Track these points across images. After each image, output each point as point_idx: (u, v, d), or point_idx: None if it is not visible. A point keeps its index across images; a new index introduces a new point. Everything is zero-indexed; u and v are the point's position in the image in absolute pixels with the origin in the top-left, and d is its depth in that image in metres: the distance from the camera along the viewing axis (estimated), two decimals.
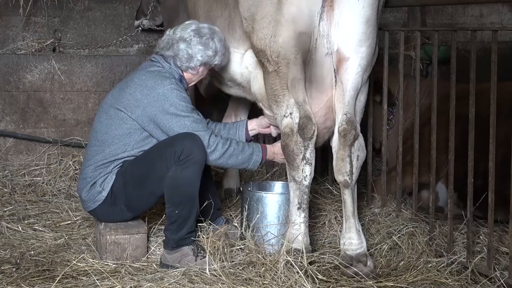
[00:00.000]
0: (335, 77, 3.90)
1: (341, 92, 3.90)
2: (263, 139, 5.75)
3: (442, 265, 3.95)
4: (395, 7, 6.52)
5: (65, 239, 4.47)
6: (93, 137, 4.22)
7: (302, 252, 3.78)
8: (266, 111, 4.28)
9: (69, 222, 4.83)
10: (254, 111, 5.68)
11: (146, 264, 4.05)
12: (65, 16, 6.30)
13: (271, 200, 4.25)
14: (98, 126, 4.20)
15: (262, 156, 4.20)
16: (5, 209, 5.05)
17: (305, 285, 3.55)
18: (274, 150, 4.26)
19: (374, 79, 4.79)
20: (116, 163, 4.13)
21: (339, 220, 4.59)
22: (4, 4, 5.98)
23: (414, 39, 4.78)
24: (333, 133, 4.03)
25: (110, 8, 6.49)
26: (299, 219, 3.96)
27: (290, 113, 3.94)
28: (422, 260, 3.99)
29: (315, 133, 3.88)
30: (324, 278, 3.74)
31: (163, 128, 4.06)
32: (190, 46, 4.21)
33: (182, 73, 4.26)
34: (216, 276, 3.69)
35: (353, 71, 3.87)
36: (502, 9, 7.69)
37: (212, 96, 5.62)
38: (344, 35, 3.83)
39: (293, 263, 3.67)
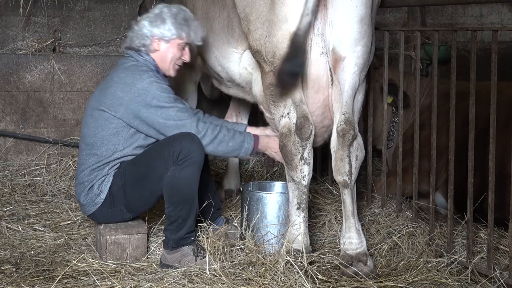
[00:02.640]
0: (331, 76, 3.90)
1: (339, 91, 3.88)
2: None
3: (442, 265, 3.95)
4: (395, 7, 6.52)
5: (65, 239, 4.47)
6: (82, 142, 4.20)
7: (302, 253, 3.78)
8: (267, 114, 4.27)
9: (69, 222, 4.83)
10: (255, 112, 5.69)
11: (146, 264, 4.05)
12: (65, 16, 6.30)
13: (271, 200, 4.25)
14: (86, 130, 4.19)
15: (253, 145, 4.16)
16: (5, 209, 5.04)
17: (305, 285, 3.55)
18: (268, 144, 4.24)
19: (389, 81, 4.79)
20: (111, 164, 4.12)
21: (339, 220, 4.58)
22: (4, 4, 5.98)
23: (414, 39, 4.78)
24: (332, 132, 4.02)
25: (110, 8, 6.49)
26: (298, 219, 3.96)
27: (288, 113, 3.93)
28: (422, 260, 3.98)
29: (313, 133, 3.88)
30: (324, 278, 3.73)
31: (148, 122, 4.04)
32: (138, 25, 4.23)
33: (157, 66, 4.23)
34: (216, 276, 3.69)
35: (350, 71, 3.85)
36: (502, 9, 7.69)
37: (217, 97, 5.61)
38: (339, 34, 3.81)
39: (293, 263, 3.67)
